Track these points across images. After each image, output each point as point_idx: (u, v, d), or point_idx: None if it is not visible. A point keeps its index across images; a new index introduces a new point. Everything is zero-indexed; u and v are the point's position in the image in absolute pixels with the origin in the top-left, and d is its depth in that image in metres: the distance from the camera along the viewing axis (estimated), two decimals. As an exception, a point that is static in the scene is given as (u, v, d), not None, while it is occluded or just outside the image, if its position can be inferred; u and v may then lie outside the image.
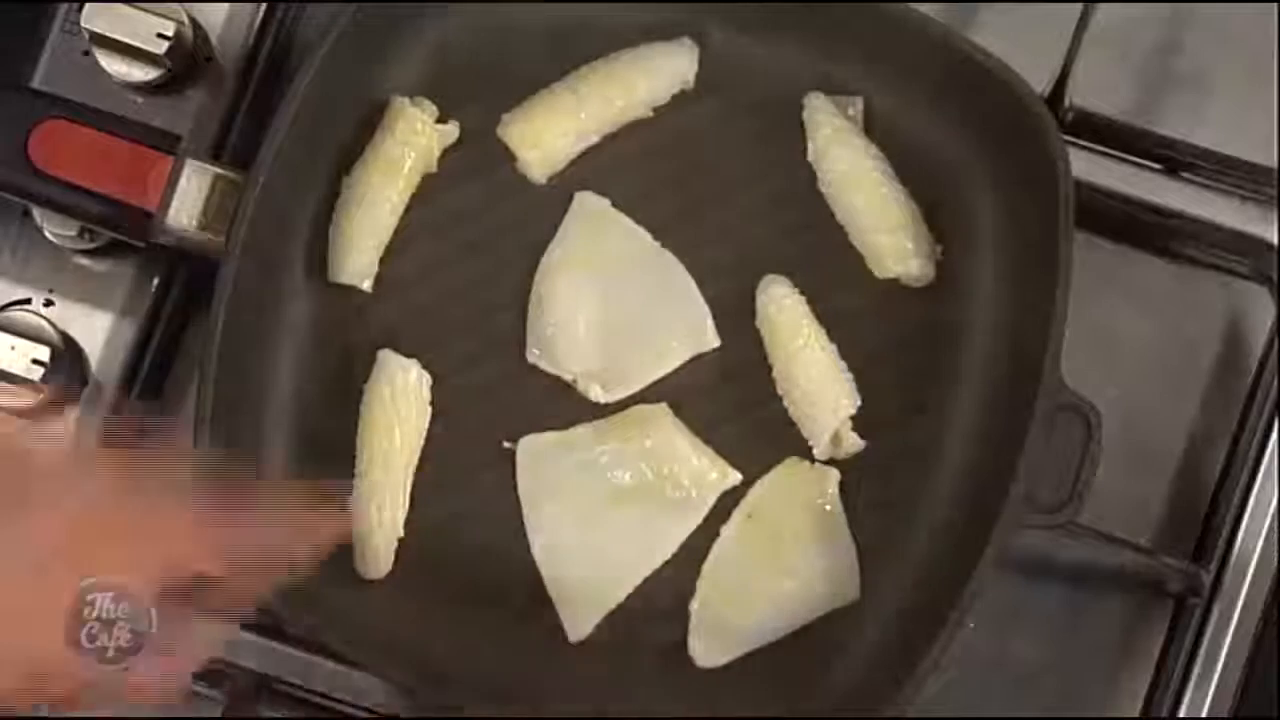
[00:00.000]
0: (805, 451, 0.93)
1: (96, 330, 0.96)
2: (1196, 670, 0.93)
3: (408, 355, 0.93)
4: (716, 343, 0.94)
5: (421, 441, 0.93)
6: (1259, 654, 0.94)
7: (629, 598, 0.92)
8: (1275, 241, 0.97)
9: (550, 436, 0.94)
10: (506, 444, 0.94)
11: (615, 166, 0.96)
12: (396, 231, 0.95)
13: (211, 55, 0.97)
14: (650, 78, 0.95)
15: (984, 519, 0.87)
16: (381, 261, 0.94)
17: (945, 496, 0.93)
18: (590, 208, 0.95)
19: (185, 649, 0.78)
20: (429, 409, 0.93)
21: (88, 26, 0.94)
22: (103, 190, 0.90)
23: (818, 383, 0.93)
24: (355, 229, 0.93)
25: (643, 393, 0.94)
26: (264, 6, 0.98)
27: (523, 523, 0.93)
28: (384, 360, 0.93)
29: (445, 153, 0.95)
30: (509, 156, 0.95)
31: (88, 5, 0.94)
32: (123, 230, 0.92)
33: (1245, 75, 1.00)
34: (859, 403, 0.93)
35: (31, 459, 0.80)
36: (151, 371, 0.96)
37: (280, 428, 0.93)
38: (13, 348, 0.92)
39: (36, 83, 0.97)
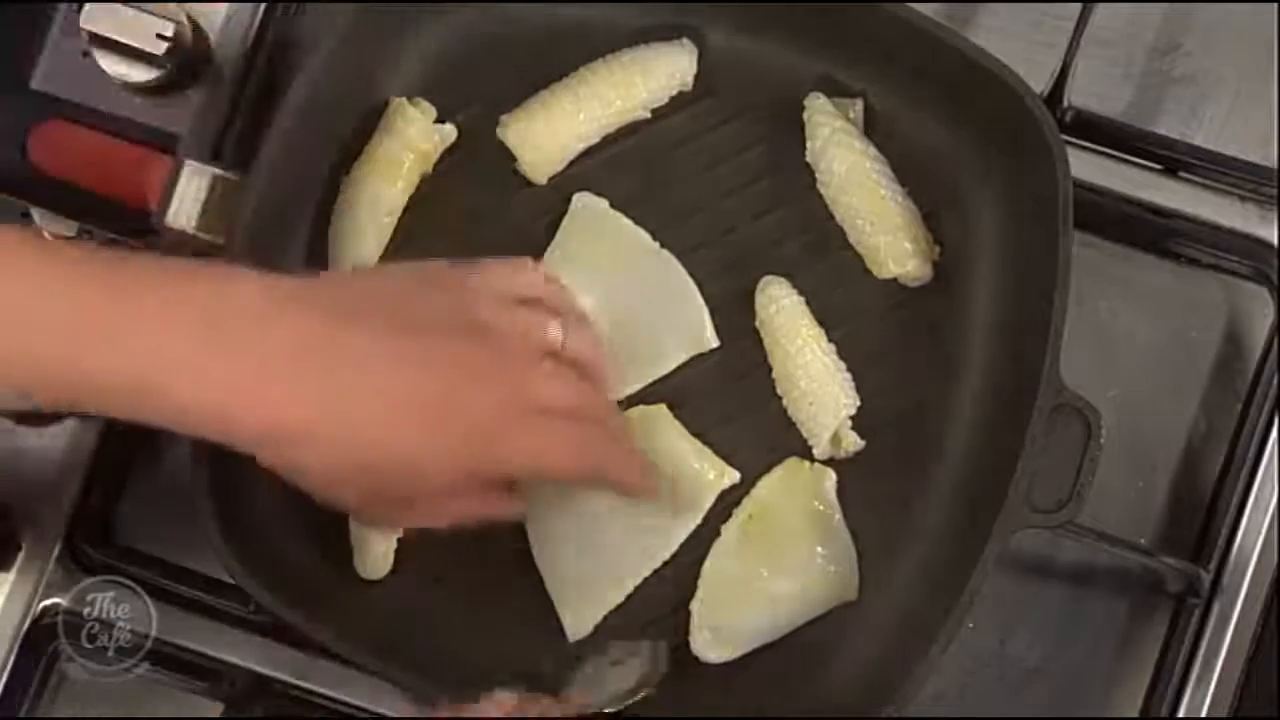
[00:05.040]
0: (805, 451, 0.93)
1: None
2: (1196, 670, 0.94)
3: (407, 356, 0.93)
4: (716, 343, 0.94)
5: (421, 442, 0.93)
6: (1259, 654, 0.94)
7: (629, 598, 0.92)
8: (1275, 241, 0.97)
9: (550, 437, 0.93)
10: (507, 444, 0.94)
11: (615, 167, 0.96)
12: (396, 231, 0.95)
13: (210, 56, 0.97)
14: (649, 79, 0.95)
15: (984, 519, 0.87)
16: (381, 261, 0.94)
17: (945, 496, 0.93)
18: (590, 208, 0.95)
19: None
20: (428, 409, 0.93)
21: (87, 27, 0.93)
22: (102, 190, 0.90)
23: (817, 383, 0.93)
24: (355, 229, 0.93)
25: (643, 393, 0.94)
26: (263, 6, 0.98)
27: (523, 523, 0.93)
28: (383, 360, 0.93)
29: (445, 153, 0.95)
30: (509, 157, 0.95)
31: (88, 5, 0.93)
32: (122, 230, 0.91)
33: (1245, 75, 1.00)
34: (859, 403, 0.93)
35: None
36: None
37: (280, 428, 0.93)
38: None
39: (36, 83, 0.96)
